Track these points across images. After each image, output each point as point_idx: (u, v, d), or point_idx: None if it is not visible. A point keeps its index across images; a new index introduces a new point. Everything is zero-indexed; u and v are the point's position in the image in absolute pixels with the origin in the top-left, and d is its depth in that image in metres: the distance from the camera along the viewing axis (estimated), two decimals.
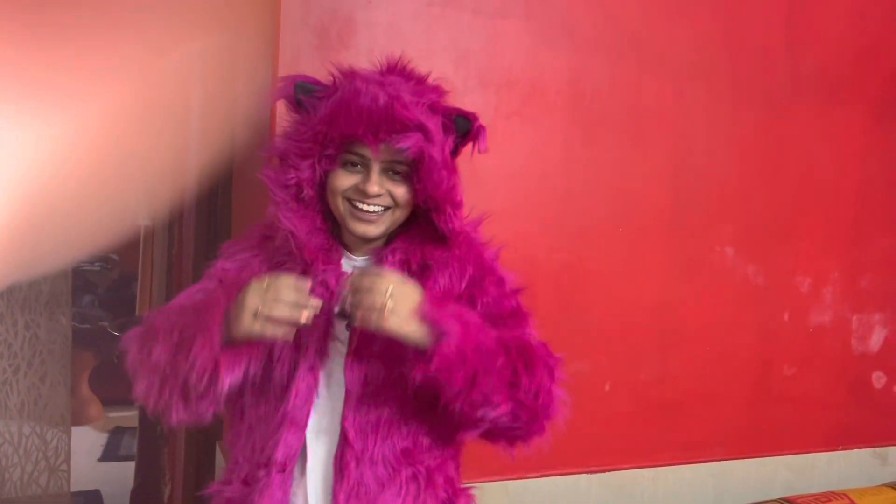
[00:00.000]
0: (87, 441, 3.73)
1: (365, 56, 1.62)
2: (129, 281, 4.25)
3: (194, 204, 2.23)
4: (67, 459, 2.60)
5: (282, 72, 1.57)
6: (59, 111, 1.44)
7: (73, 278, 2.62)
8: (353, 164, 1.11)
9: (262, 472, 1.11)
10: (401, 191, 1.12)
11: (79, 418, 3.78)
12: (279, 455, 1.10)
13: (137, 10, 1.52)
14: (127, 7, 1.51)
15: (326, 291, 1.11)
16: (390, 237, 1.19)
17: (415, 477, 1.12)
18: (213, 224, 2.11)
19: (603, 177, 1.88)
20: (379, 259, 1.16)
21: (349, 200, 1.12)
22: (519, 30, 1.76)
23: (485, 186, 1.68)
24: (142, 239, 3.68)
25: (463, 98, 1.71)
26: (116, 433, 3.92)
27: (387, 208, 1.13)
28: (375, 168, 1.11)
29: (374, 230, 1.13)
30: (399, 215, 1.15)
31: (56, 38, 1.41)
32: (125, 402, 3.72)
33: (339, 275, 1.13)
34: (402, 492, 1.11)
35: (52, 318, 2.52)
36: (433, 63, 1.68)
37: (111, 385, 3.97)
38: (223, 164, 1.84)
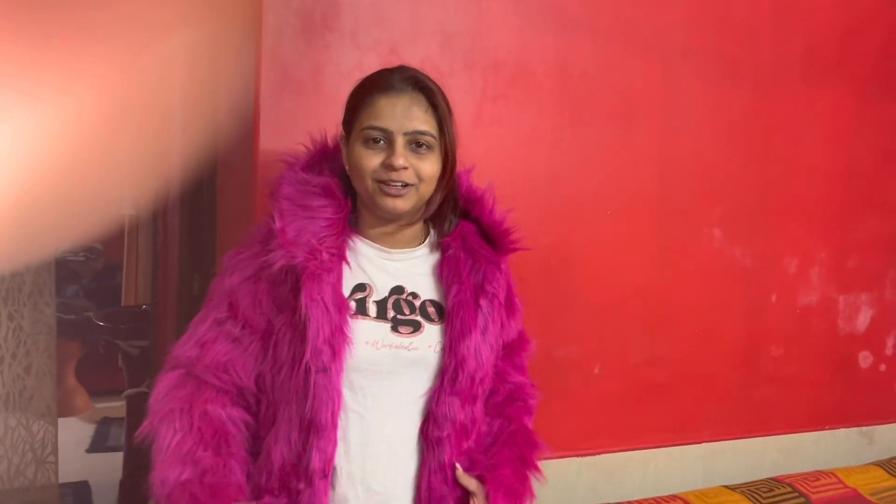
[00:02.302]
0: (74, 432, 3.72)
1: (349, 39, 1.60)
2: (113, 271, 4.22)
3: (179, 193, 2.21)
4: (54, 451, 2.59)
5: (265, 56, 1.55)
6: (44, 104, 1.42)
7: (57, 269, 2.59)
8: (376, 141, 1.10)
9: (301, 484, 1.10)
10: (424, 164, 1.12)
11: (66, 409, 3.76)
12: (316, 463, 1.09)
13: (122, 2, 1.49)
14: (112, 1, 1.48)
15: (318, 308, 1.08)
16: (426, 236, 1.24)
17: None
18: (198, 213, 2.09)
19: (591, 159, 1.87)
20: (446, 258, 1.19)
21: (378, 181, 1.11)
22: (506, 11, 1.74)
23: (472, 170, 1.66)
24: (126, 229, 3.65)
25: (449, 81, 1.69)
26: (104, 424, 3.91)
27: (412, 185, 1.12)
28: (399, 142, 1.10)
29: (402, 204, 1.12)
30: (424, 191, 1.14)
31: (40, 32, 1.39)
32: (112, 392, 3.71)
33: (333, 287, 1.11)
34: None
35: (36, 309, 2.49)
36: (418, 45, 1.67)
37: (98, 375, 3.94)
38: (207, 153, 1.82)
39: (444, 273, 1.18)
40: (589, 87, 1.84)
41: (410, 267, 1.19)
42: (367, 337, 1.12)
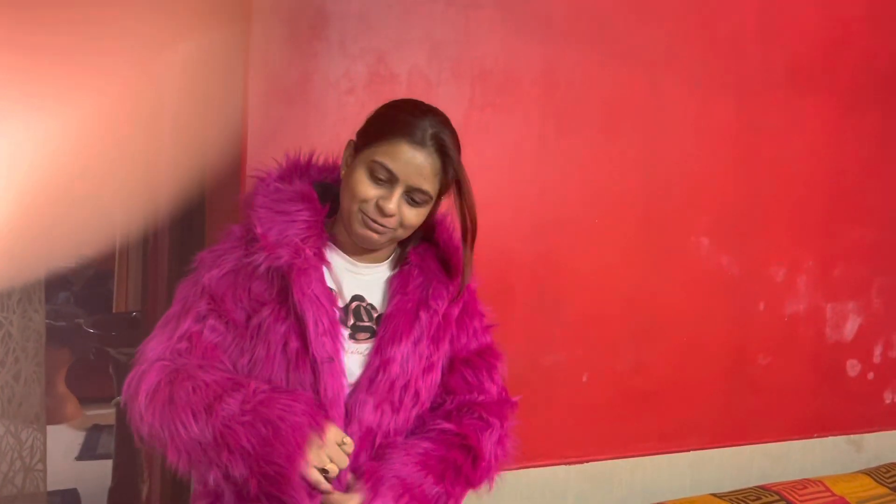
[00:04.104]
0: (64, 439, 3.70)
1: (337, 47, 1.61)
2: (104, 278, 4.21)
3: (169, 199, 2.20)
4: (43, 459, 2.58)
5: (253, 65, 1.55)
6: (39, 117, 1.43)
7: (47, 275, 2.59)
8: (379, 177, 1.11)
9: None
10: (411, 214, 1.14)
11: (55, 417, 3.75)
12: None
13: (114, 20, 1.50)
14: (104, 17, 1.49)
15: (312, 302, 1.10)
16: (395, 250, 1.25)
17: None
18: (187, 219, 2.09)
19: (577, 167, 1.87)
20: (399, 271, 1.21)
21: (363, 211, 1.12)
22: (493, 20, 1.75)
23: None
24: (117, 235, 3.64)
25: (436, 90, 1.70)
26: (94, 431, 3.89)
27: (391, 228, 1.14)
28: (399, 190, 1.11)
29: (375, 238, 1.14)
30: (400, 234, 1.16)
31: (36, 46, 1.40)
32: (102, 399, 3.69)
33: (321, 282, 1.13)
34: None
35: (25, 316, 2.48)
36: (406, 53, 1.68)
37: (88, 383, 3.93)
38: (197, 162, 1.82)
39: (393, 285, 1.20)
40: (575, 97, 1.85)
41: (372, 280, 1.21)
42: None
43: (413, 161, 1.10)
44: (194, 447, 1.05)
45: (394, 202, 1.11)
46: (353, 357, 1.16)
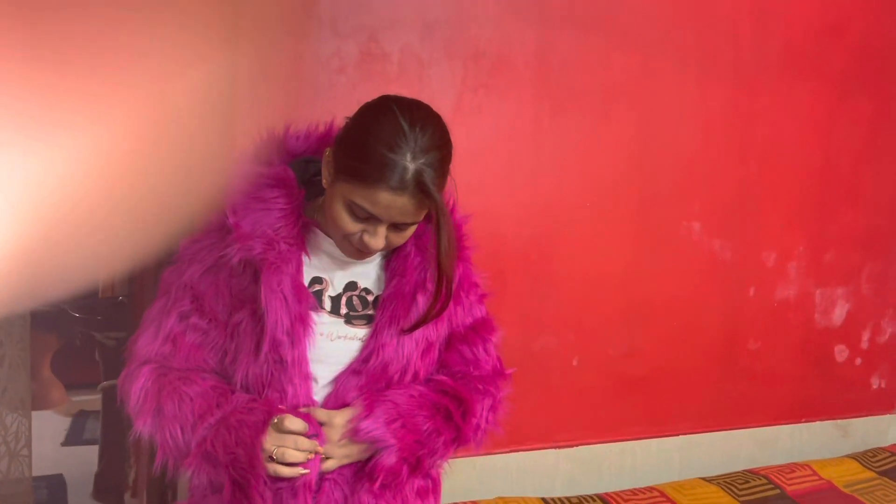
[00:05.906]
0: (50, 425, 3.66)
1: (328, 26, 1.59)
2: None
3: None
4: (28, 444, 2.56)
5: (243, 44, 1.52)
6: (63, 136, 1.40)
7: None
8: (361, 217, 1.06)
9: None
10: (399, 238, 1.10)
11: (41, 402, 3.71)
12: None
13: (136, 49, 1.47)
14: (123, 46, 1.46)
15: (277, 299, 1.08)
16: None
17: None
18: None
19: (571, 151, 1.87)
20: (397, 254, 1.17)
21: (350, 241, 1.09)
22: (487, 0, 1.73)
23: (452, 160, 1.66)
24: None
25: (429, 70, 1.68)
26: (80, 417, 3.85)
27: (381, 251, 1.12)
28: (383, 227, 1.06)
29: (364, 259, 1.14)
30: (388, 248, 1.13)
31: (58, 70, 1.37)
32: (89, 385, 3.66)
33: (293, 277, 1.10)
34: None
35: None
36: (399, 33, 1.66)
37: (74, 368, 3.89)
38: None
39: (390, 267, 1.18)
40: (569, 79, 1.84)
41: (366, 264, 1.19)
42: (322, 329, 1.12)
43: (394, 205, 1.03)
44: (181, 454, 1.10)
45: (380, 238, 1.07)
46: (351, 343, 1.14)
